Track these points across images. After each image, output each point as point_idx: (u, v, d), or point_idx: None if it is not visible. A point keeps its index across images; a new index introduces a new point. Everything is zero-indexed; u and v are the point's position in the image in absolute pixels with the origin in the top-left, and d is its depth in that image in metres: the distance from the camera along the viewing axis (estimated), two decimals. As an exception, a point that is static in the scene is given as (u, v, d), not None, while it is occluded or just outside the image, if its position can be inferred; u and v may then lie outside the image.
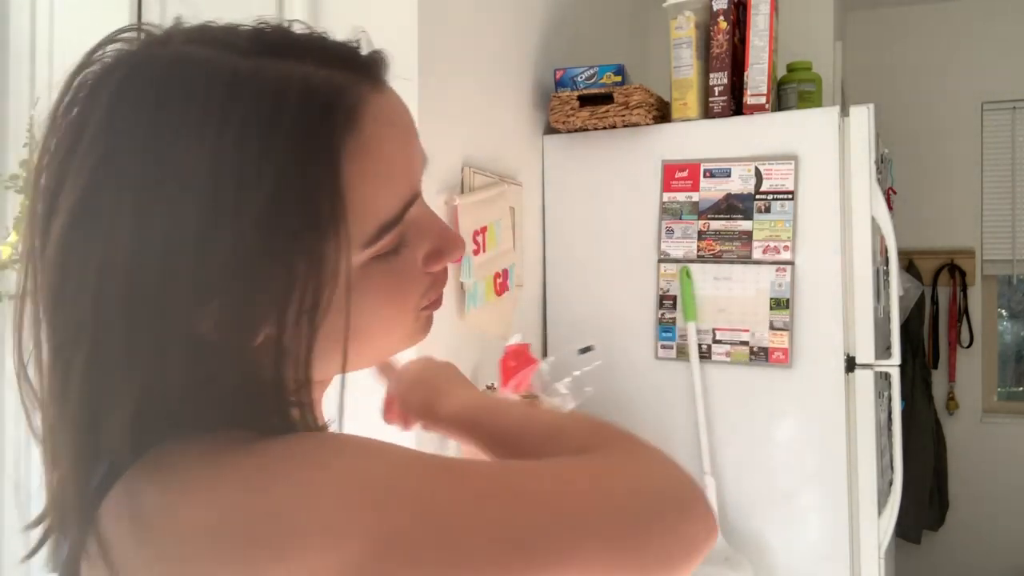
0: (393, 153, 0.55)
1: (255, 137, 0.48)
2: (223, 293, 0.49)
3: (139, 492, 0.49)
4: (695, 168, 2.21)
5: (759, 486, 2.12)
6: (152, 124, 0.48)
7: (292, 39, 0.55)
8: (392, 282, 0.57)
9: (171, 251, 0.47)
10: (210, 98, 0.48)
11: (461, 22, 1.97)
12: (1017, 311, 3.97)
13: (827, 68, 2.83)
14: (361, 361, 0.61)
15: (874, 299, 2.08)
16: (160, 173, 0.47)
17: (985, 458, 3.66)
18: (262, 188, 0.47)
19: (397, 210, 0.55)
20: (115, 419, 0.49)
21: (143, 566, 0.47)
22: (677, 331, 2.20)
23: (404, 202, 0.55)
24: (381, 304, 0.57)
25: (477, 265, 1.92)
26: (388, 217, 0.54)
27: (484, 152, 2.06)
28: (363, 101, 0.53)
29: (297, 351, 0.51)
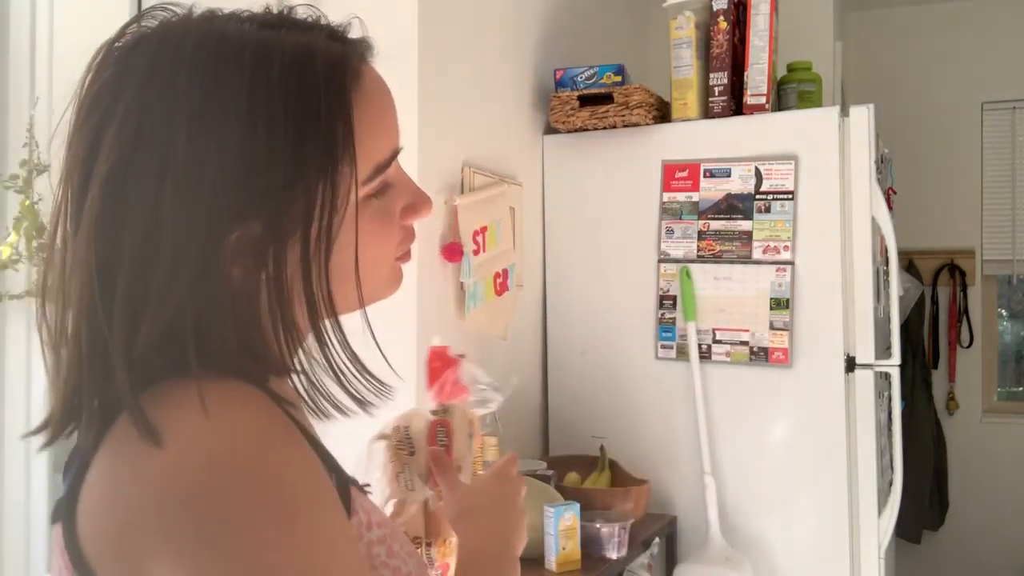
0: (384, 109, 0.65)
1: (286, 87, 0.57)
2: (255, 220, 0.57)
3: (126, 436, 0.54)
4: (695, 168, 2.21)
5: (759, 486, 2.12)
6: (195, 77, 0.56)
7: (294, 19, 0.65)
8: (379, 222, 0.65)
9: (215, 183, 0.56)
10: (242, 60, 0.57)
11: (461, 22, 1.97)
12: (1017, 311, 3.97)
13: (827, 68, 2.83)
14: (347, 302, 0.66)
15: (874, 299, 2.08)
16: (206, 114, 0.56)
17: (985, 458, 3.66)
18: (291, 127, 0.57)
19: (388, 155, 0.65)
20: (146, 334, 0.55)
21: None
22: (677, 331, 2.20)
23: (392, 149, 0.65)
24: (370, 241, 0.64)
25: (477, 265, 1.92)
26: (381, 160, 0.64)
27: (484, 152, 2.06)
28: (362, 66, 0.64)
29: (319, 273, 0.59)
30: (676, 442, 2.20)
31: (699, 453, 2.13)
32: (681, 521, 2.18)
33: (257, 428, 0.54)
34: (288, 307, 0.59)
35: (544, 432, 2.36)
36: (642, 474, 2.16)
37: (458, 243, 1.88)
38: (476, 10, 2.04)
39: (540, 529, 1.76)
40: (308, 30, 0.63)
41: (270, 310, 0.59)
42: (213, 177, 0.56)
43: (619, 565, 1.86)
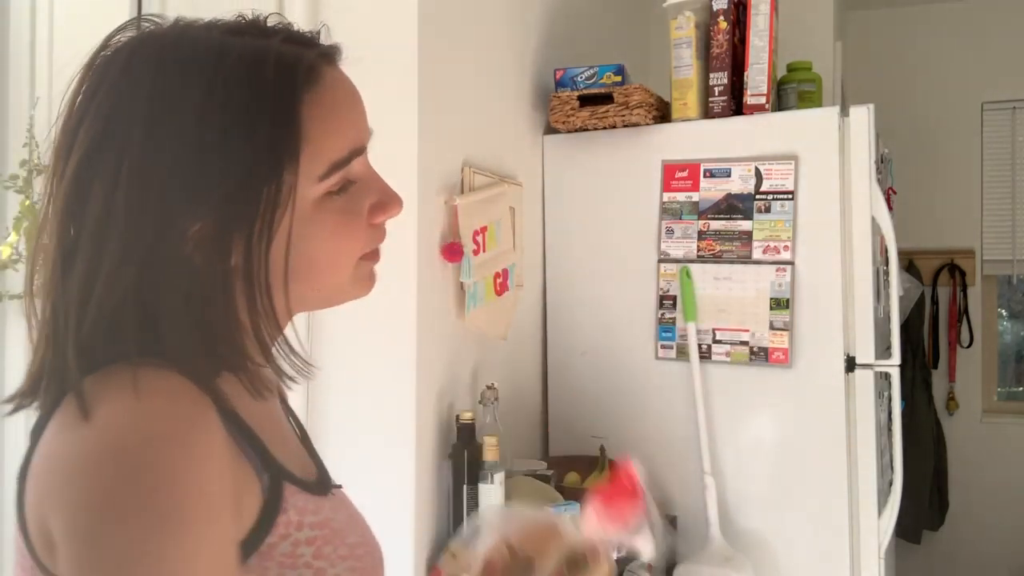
0: (342, 109, 0.67)
1: (235, 88, 0.61)
2: (206, 214, 0.61)
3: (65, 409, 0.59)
4: (695, 168, 2.21)
5: (759, 486, 2.12)
6: (157, 80, 0.62)
7: (264, 25, 0.68)
8: (340, 220, 0.67)
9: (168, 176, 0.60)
10: (203, 61, 0.62)
11: (461, 22, 1.97)
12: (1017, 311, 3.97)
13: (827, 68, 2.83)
14: (310, 298, 0.70)
15: (874, 299, 2.08)
16: (163, 113, 0.61)
17: (985, 458, 3.66)
18: (239, 125, 0.61)
19: (345, 153, 0.66)
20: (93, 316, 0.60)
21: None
22: (677, 331, 2.20)
23: (350, 148, 0.67)
24: (329, 236, 0.66)
25: (477, 265, 1.92)
26: (337, 157, 0.66)
27: (484, 152, 2.06)
28: (320, 67, 0.66)
29: (258, 269, 0.62)
30: (676, 442, 2.20)
31: (699, 453, 2.13)
32: (681, 521, 2.18)
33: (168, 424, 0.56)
34: (231, 301, 0.63)
35: (544, 432, 2.37)
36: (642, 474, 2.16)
37: (458, 243, 1.88)
38: (476, 10, 2.04)
39: (540, 529, 1.75)
40: (268, 35, 0.67)
41: (217, 303, 0.63)
42: (166, 172, 0.60)
43: (619, 565, 1.86)
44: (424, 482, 1.80)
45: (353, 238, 0.68)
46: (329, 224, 0.66)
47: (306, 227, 0.65)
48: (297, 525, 0.64)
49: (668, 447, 2.21)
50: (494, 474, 1.75)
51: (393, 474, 1.77)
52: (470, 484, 1.78)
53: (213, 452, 0.57)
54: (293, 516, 0.64)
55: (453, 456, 1.82)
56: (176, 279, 0.61)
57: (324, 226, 0.66)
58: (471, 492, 1.78)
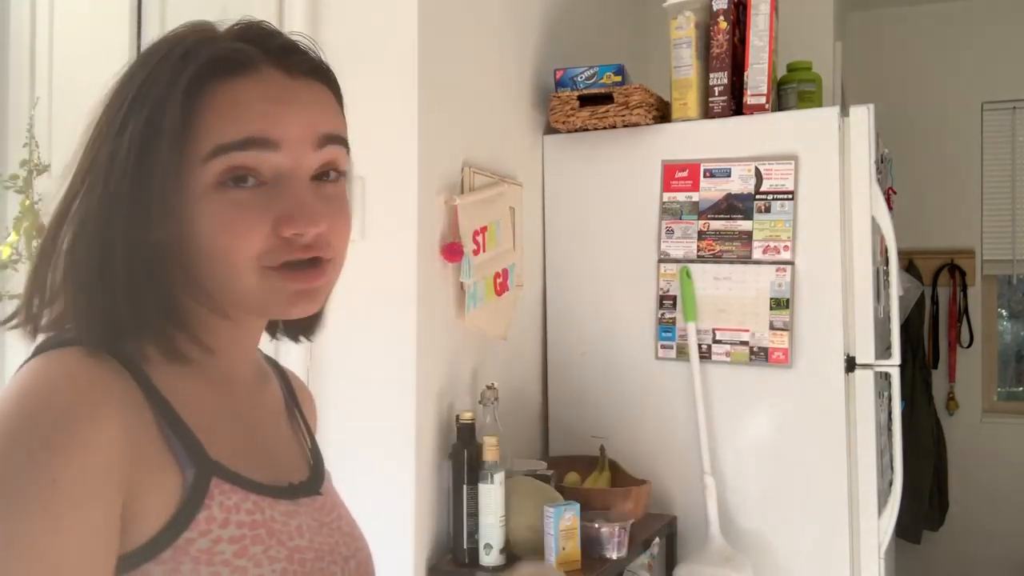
0: (251, 101, 0.67)
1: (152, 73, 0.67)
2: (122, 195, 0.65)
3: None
4: (695, 168, 2.21)
5: (759, 486, 2.12)
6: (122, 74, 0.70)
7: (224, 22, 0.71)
8: (230, 213, 0.66)
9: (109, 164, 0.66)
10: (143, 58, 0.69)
11: (461, 23, 1.97)
12: (1017, 311, 3.97)
13: (827, 68, 2.83)
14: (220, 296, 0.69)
15: (874, 299, 2.08)
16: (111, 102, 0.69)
17: (985, 458, 3.66)
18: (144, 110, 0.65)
19: (236, 138, 0.65)
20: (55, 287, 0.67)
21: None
22: (677, 331, 2.20)
23: (246, 136, 0.65)
24: (216, 227, 0.66)
25: (477, 265, 1.92)
26: (225, 141, 0.65)
27: (484, 152, 2.06)
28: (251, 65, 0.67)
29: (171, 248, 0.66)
30: (676, 442, 2.19)
31: (699, 453, 2.13)
32: (681, 521, 2.18)
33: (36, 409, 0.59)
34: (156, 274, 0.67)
35: (544, 432, 2.36)
36: (642, 474, 2.16)
37: (458, 243, 1.88)
38: (476, 10, 2.04)
39: (540, 529, 1.76)
40: (216, 28, 0.70)
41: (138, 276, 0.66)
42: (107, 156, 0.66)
43: (619, 565, 1.86)
44: (424, 482, 1.80)
45: (243, 237, 0.66)
46: (218, 214, 0.66)
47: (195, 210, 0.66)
48: (222, 522, 0.64)
49: (668, 447, 2.21)
50: (494, 474, 1.75)
51: (393, 474, 1.77)
52: (470, 484, 1.78)
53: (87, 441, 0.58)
54: (217, 513, 0.64)
55: (453, 456, 1.82)
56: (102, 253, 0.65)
57: (213, 215, 0.66)
58: (471, 492, 1.78)
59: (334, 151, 0.71)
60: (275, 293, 0.68)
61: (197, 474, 0.64)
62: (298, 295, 0.69)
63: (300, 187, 0.68)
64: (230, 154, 0.65)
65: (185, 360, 0.68)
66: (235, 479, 0.67)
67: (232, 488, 0.66)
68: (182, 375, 0.69)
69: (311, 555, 0.70)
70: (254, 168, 0.66)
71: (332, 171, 0.71)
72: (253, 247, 0.66)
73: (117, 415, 0.60)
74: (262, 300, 0.68)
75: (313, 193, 0.69)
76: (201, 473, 0.64)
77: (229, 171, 0.65)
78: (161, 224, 0.65)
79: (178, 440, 0.64)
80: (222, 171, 0.65)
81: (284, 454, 0.78)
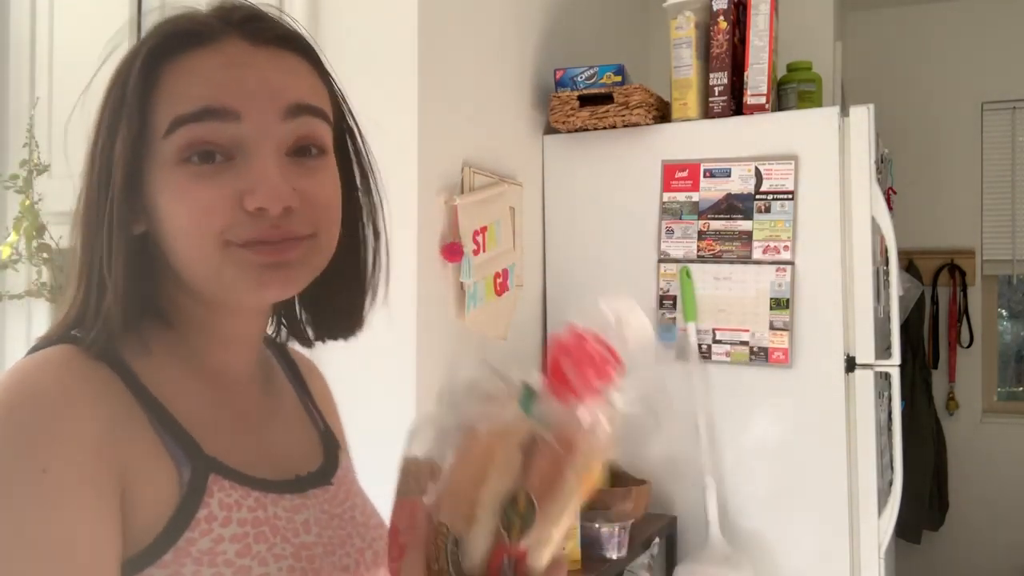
0: (209, 71, 0.64)
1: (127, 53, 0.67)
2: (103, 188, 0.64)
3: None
4: (695, 168, 2.21)
5: (759, 486, 2.12)
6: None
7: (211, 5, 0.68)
8: (187, 188, 0.63)
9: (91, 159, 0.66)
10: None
11: (461, 22, 1.97)
12: (1017, 311, 3.97)
13: (827, 68, 2.83)
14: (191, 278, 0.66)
15: (874, 299, 2.08)
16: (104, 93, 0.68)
17: (985, 458, 3.66)
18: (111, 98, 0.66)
19: (192, 109, 0.62)
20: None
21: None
22: (677, 331, 2.20)
23: (203, 107, 0.62)
24: (177, 207, 0.63)
25: (477, 265, 1.92)
26: (183, 112, 0.62)
27: (484, 152, 2.06)
28: (211, 36, 0.65)
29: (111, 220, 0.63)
30: (676, 442, 2.19)
31: (699, 453, 2.13)
32: (681, 521, 2.18)
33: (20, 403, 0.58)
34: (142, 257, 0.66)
35: (544, 432, 2.36)
36: (642, 474, 2.16)
37: (458, 243, 1.88)
38: (476, 10, 2.04)
39: (540, 529, 1.75)
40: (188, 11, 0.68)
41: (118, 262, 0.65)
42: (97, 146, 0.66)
43: (619, 565, 1.86)
44: (424, 482, 1.79)
45: (204, 212, 0.62)
46: (178, 189, 0.63)
47: (161, 190, 0.63)
48: (223, 521, 0.62)
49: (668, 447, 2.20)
50: (494, 474, 1.75)
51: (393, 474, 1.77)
52: (470, 484, 1.78)
53: (73, 432, 0.57)
54: (218, 511, 0.62)
55: (453, 456, 1.82)
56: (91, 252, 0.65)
57: (174, 191, 0.63)
58: (471, 492, 1.78)
59: (309, 123, 0.66)
60: (241, 270, 0.63)
61: (194, 471, 0.62)
62: (269, 271, 0.64)
63: (266, 159, 0.63)
64: (187, 126, 0.62)
65: (178, 356, 0.67)
66: (234, 475, 0.65)
67: (232, 485, 0.64)
68: (177, 371, 0.67)
69: (320, 550, 0.69)
70: (214, 141, 0.62)
71: (313, 147, 0.66)
72: (215, 222, 0.62)
73: (102, 409, 0.60)
74: (229, 280, 0.64)
75: (286, 167, 0.64)
76: (198, 470, 0.63)
77: (189, 146, 0.62)
78: (140, 213, 0.65)
79: (172, 437, 0.63)
80: (183, 146, 0.62)
81: (292, 445, 0.76)
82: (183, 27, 0.65)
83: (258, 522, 0.64)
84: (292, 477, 0.71)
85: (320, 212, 0.66)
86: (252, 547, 0.63)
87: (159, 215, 0.64)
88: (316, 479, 0.74)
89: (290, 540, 0.66)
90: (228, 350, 0.72)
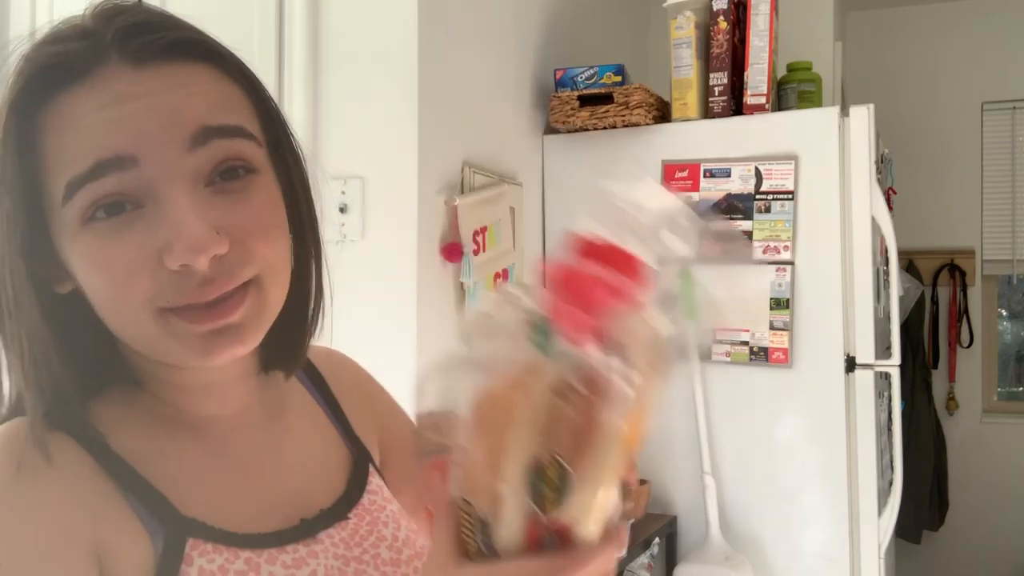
0: (92, 114, 0.53)
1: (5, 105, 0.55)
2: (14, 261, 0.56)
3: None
4: (695, 168, 2.21)
5: (759, 486, 2.12)
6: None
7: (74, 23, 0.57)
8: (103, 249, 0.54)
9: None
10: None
11: (461, 22, 1.97)
12: (1017, 311, 3.97)
13: (827, 68, 2.83)
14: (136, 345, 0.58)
15: (874, 299, 2.08)
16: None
17: (985, 458, 3.66)
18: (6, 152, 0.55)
19: (84, 168, 0.53)
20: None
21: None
22: (677, 331, 2.20)
23: (95, 161, 0.53)
24: (95, 273, 0.55)
25: (477, 265, 1.92)
26: (73, 174, 0.53)
27: (484, 152, 2.06)
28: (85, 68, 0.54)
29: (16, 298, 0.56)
30: (676, 442, 2.19)
31: (699, 453, 2.13)
32: (681, 521, 2.18)
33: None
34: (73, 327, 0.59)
35: (544, 432, 2.36)
36: (642, 474, 2.16)
37: (458, 243, 1.88)
38: (476, 10, 2.04)
39: (540, 529, 1.75)
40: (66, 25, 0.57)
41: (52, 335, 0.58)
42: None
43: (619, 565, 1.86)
44: (424, 482, 1.79)
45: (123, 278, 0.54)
46: (91, 250, 0.54)
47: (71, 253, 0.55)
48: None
49: (668, 447, 2.21)
50: (494, 474, 1.75)
51: (393, 474, 1.77)
52: (470, 484, 1.78)
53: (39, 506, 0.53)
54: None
55: (453, 456, 1.82)
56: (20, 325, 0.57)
57: (87, 257, 0.54)
58: (471, 492, 1.78)
59: (227, 146, 0.56)
60: (181, 341, 0.55)
61: (168, 536, 0.56)
62: (212, 338, 0.55)
63: (178, 202, 0.53)
64: (84, 188, 0.53)
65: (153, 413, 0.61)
66: (218, 536, 0.58)
67: (215, 547, 0.57)
68: (154, 430, 0.61)
69: None
70: (116, 192, 0.53)
71: (240, 167, 0.57)
72: (139, 289, 0.54)
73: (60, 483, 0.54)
74: (172, 350, 0.56)
75: (207, 203, 0.55)
76: (172, 536, 0.56)
77: (92, 205, 0.53)
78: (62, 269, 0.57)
79: (142, 504, 0.56)
80: (84, 207, 0.53)
81: (305, 480, 0.67)
82: (50, 61, 0.54)
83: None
84: (298, 522, 0.63)
85: (258, 243, 0.56)
86: None
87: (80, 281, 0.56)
88: (329, 518, 0.65)
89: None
90: (209, 398, 0.64)
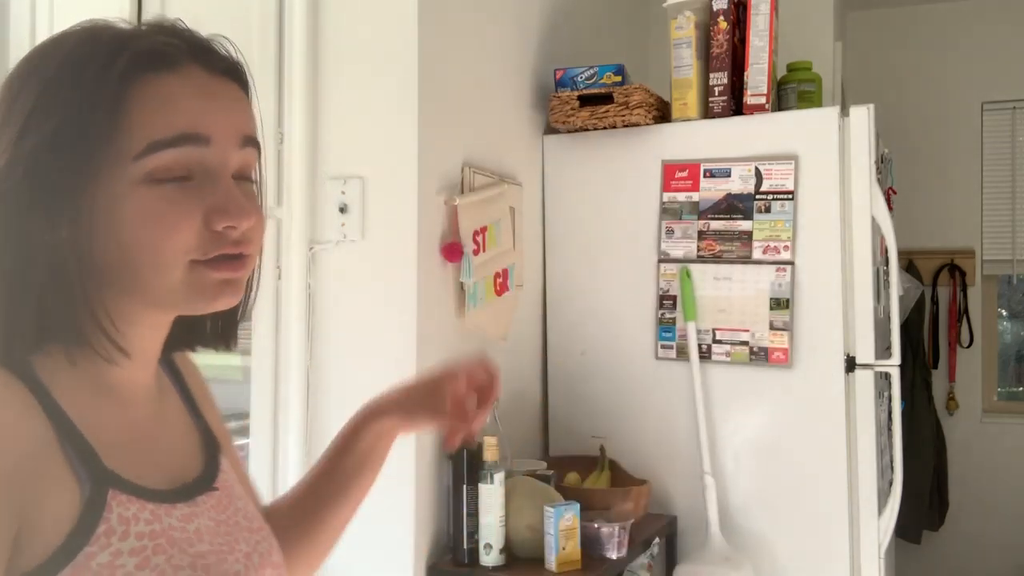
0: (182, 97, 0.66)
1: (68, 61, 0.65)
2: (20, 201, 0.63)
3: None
4: (695, 168, 2.21)
5: (759, 486, 2.12)
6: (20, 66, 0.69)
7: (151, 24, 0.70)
8: (158, 208, 0.64)
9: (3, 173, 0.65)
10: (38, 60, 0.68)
11: (461, 22, 1.97)
12: (1017, 311, 3.97)
13: (827, 68, 2.83)
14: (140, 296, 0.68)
15: (874, 299, 2.08)
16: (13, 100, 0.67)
17: (985, 458, 3.66)
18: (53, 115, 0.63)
19: (169, 134, 0.64)
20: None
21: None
22: (677, 331, 2.20)
23: (179, 133, 0.65)
24: (141, 225, 0.64)
25: (477, 265, 1.92)
26: (158, 137, 0.64)
27: (484, 152, 2.06)
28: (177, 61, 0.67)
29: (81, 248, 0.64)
30: (676, 442, 2.19)
31: (699, 453, 2.13)
32: (681, 521, 2.18)
33: None
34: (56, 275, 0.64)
35: (544, 432, 2.36)
36: (642, 474, 2.16)
37: (458, 243, 1.88)
38: (476, 10, 2.04)
39: (540, 529, 1.76)
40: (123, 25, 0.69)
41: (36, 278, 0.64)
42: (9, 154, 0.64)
43: (619, 565, 1.86)
44: (424, 482, 1.80)
45: (173, 232, 0.65)
46: (145, 210, 0.64)
47: (119, 209, 0.64)
48: (121, 535, 0.63)
49: (668, 447, 2.21)
50: (494, 474, 1.75)
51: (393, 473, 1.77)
52: (470, 484, 1.78)
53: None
54: (116, 525, 0.63)
55: (453, 456, 1.82)
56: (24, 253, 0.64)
57: (139, 212, 0.64)
58: (471, 492, 1.78)
59: (251, 154, 0.71)
60: (201, 285, 0.67)
61: (94, 487, 0.63)
62: (223, 285, 0.68)
63: (228, 182, 0.68)
64: (164, 151, 0.64)
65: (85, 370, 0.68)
66: (132, 489, 0.66)
67: (129, 499, 0.65)
68: (84, 384, 0.68)
69: (213, 559, 0.70)
70: (186, 164, 0.66)
71: (252, 174, 0.72)
72: (183, 241, 0.65)
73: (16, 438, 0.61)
74: (187, 294, 0.67)
75: (238, 189, 0.69)
76: (98, 486, 0.64)
77: (165, 169, 0.65)
78: (70, 225, 0.64)
79: (76, 454, 0.64)
80: (156, 168, 0.64)
81: (181, 453, 0.77)
82: (156, 47, 0.66)
83: (155, 534, 0.66)
84: (180, 485, 0.73)
85: (258, 235, 0.71)
86: (151, 559, 0.64)
87: (111, 230, 0.64)
88: (201, 485, 0.75)
89: (186, 550, 0.68)
90: (133, 364, 0.72)
